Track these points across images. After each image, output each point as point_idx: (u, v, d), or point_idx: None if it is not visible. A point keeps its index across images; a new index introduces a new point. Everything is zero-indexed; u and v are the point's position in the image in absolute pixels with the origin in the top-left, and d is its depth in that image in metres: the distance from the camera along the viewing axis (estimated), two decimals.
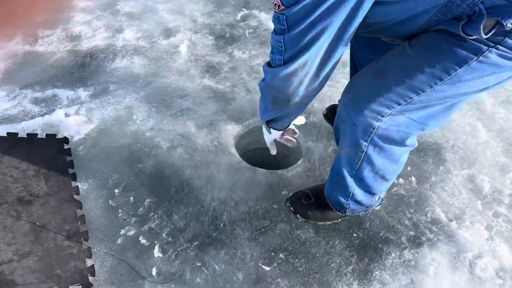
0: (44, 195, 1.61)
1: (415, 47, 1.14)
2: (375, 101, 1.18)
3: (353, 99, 1.24)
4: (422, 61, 1.11)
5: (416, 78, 1.12)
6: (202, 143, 1.94)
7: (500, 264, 1.56)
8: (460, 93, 1.15)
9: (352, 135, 1.30)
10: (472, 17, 0.99)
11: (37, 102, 2.07)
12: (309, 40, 1.02)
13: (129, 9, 2.75)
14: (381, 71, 1.20)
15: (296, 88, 1.17)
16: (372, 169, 1.38)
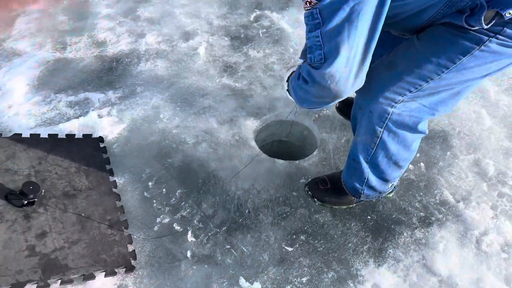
0: (86, 189, 1.79)
1: (422, 40, 1.28)
2: (389, 89, 1.33)
3: (369, 88, 1.36)
4: (429, 52, 1.25)
5: (425, 68, 1.26)
6: (224, 138, 2.10)
7: (505, 240, 1.69)
8: (465, 80, 1.28)
9: (368, 121, 1.44)
10: (474, 10, 1.11)
11: (71, 105, 2.25)
12: (345, 28, 1.03)
13: (148, 14, 2.92)
14: (393, 62, 1.34)
15: (344, 83, 1.14)
16: (387, 155, 1.51)
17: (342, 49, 1.06)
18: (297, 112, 2.17)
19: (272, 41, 2.69)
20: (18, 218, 1.58)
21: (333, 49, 1.06)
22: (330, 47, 1.07)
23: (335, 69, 1.09)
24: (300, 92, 1.29)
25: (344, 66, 1.09)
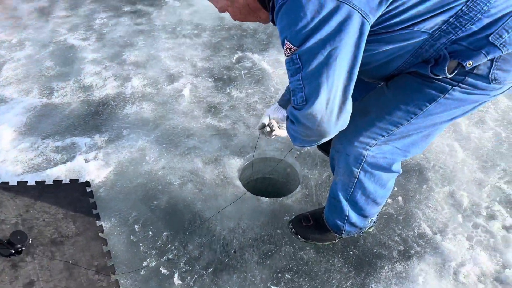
0: (73, 235, 1.82)
1: (392, 88, 1.39)
2: (363, 134, 1.42)
3: (345, 133, 1.43)
4: (398, 100, 1.36)
5: (395, 114, 1.36)
6: (209, 178, 2.16)
7: (481, 270, 1.75)
8: (433, 124, 1.38)
9: (345, 163, 1.52)
10: (438, 60, 1.22)
11: (58, 150, 2.30)
12: (324, 72, 1.10)
13: (134, 58, 3.02)
14: (366, 109, 1.43)
15: (326, 124, 1.19)
16: (364, 193, 1.59)
17: (321, 91, 1.12)
18: (293, 151, 2.25)
19: (254, 81, 2.80)
20: (6, 268, 1.60)
21: (314, 91, 1.13)
22: (310, 89, 1.13)
23: (316, 110, 1.15)
24: (291, 131, 1.34)
25: (324, 108, 1.15)
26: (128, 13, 3.61)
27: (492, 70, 1.21)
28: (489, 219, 1.95)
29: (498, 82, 1.24)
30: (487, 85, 1.25)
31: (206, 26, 3.43)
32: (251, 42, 3.21)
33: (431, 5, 1.12)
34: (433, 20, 1.15)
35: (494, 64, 1.20)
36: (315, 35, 1.07)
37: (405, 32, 1.17)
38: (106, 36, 3.28)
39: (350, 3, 1.05)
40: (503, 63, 1.20)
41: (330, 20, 1.06)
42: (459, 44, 1.18)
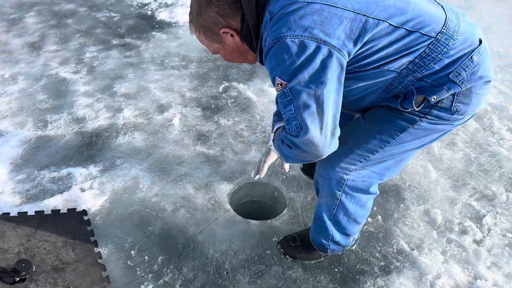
0: (73, 262, 1.91)
1: (367, 120, 1.56)
2: (343, 160, 1.59)
3: (328, 160, 1.60)
4: (373, 130, 1.53)
5: (371, 143, 1.53)
6: (201, 203, 2.29)
7: (455, 282, 1.90)
8: (405, 150, 1.56)
9: (328, 187, 1.68)
10: (407, 95, 1.40)
11: (54, 181, 2.40)
12: (314, 102, 1.23)
13: (125, 90, 3.16)
14: (345, 139, 1.59)
15: (322, 147, 1.31)
16: (346, 214, 1.75)
17: (314, 120, 1.25)
18: (279, 175, 2.40)
19: (240, 110, 2.96)
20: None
21: (307, 119, 1.25)
22: (303, 118, 1.25)
23: (312, 136, 1.26)
24: (286, 153, 1.44)
25: (319, 134, 1.27)
26: (117, 46, 3.76)
27: (454, 103, 1.40)
28: (461, 234, 2.11)
29: (460, 113, 1.43)
30: (451, 116, 1.43)
31: (193, 57, 3.61)
32: (236, 73, 3.39)
33: (398, 47, 1.30)
34: (401, 61, 1.33)
35: (456, 98, 1.39)
36: (302, 71, 1.23)
37: (377, 71, 1.35)
38: (96, 69, 3.42)
39: (330, 45, 1.22)
40: (463, 97, 1.39)
41: (314, 58, 1.22)
42: (424, 81, 1.36)
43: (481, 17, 3.91)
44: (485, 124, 2.85)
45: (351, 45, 1.25)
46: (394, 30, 1.28)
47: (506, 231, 2.13)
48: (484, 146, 2.66)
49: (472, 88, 1.38)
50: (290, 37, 1.22)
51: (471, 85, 1.37)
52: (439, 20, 1.32)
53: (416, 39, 1.30)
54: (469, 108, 1.43)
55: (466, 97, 1.40)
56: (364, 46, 1.28)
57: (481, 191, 2.35)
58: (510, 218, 2.20)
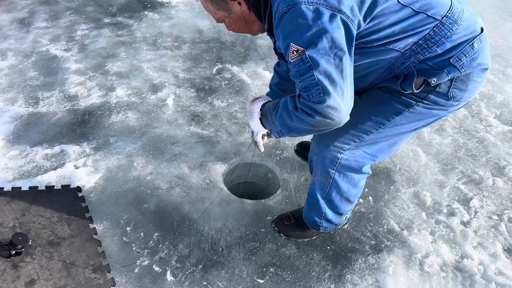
0: (69, 237, 1.91)
1: (364, 101, 1.59)
2: (338, 140, 1.62)
3: (322, 138, 1.66)
4: (369, 112, 1.56)
5: (366, 124, 1.56)
6: (195, 182, 2.30)
7: (443, 261, 1.97)
8: (398, 133, 1.60)
9: (322, 165, 1.72)
10: (407, 76, 1.43)
11: (47, 157, 2.38)
12: (334, 67, 1.23)
13: (117, 69, 3.13)
14: None
15: (343, 112, 1.30)
16: (339, 192, 1.79)
17: (336, 85, 1.25)
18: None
19: (234, 92, 2.97)
20: (7, 268, 1.68)
21: (329, 86, 1.24)
22: (326, 84, 1.24)
23: (335, 101, 1.26)
24: (292, 122, 1.40)
25: (341, 99, 1.27)
26: (109, 24, 3.71)
27: (451, 89, 1.44)
28: (449, 216, 2.18)
29: (456, 99, 1.47)
30: (446, 101, 1.47)
31: (186, 38, 3.58)
32: (229, 55, 3.38)
33: (404, 27, 1.32)
34: (406, 41, 1.35)
35: (453, 84, 1.43)
36: (320, 37, 1.22)
37: (381, 49, 1.37)
38: (88, 47, 3.37)
39: (344, 14, 1.23)
40: (460, 84, 1.43)
41: (331, 26, 1.22)
42: (425, 63, 1.39)
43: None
44: (474, 111, 2.92)
45: (361, 16, 1.27)
46: (402, 9, 1.30)
47: (492, 214, 2.20)
48: (472, 132, 2.73)
49: (470, 75, 1.42)
50: (305, 3, 1.22)
51: (469, 71, 1.41)
52: (444, 4, 1.35)
53: (422, 20, 1.32)
54: (464, 94, 1.47)
55: (463, 84, 1.44)
56: (372, 20, 1.29)
57: (469, 175, 2.43)
58: (496, 201, 2.28)
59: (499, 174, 2.44)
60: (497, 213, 2.21)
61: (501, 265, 1.97)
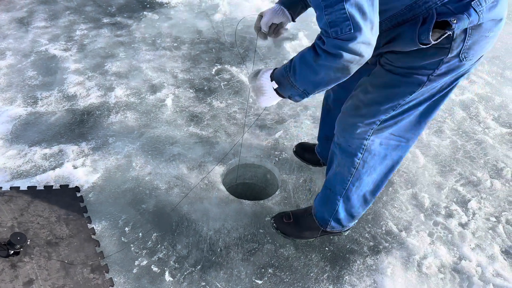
0: (67, 237, 1.91)
1: (376, 87, 1.58)
2: (360, 126, 1.63)
3: (344, 128, 1.67)
4: (382, 96, 1.55)
5: (383, 106, 1.56)
6: (194, 183, 2.30)
7: (441, 262, 1.98)
8: (417, 104, 1.56)
9: (348, 154, 1.71)
10: (427, 19, 1.36)
11: (46, 157, 2.38)
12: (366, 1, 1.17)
13: (116, 69, 3.12)
14: (357, 106, 1.64)
15: (371, 47, 1.25)
16: (359, 186, 1.77)
17: (366, 19, 1.18)
18: (272, 158, 2.43)
19: (233, 92, 2.97)
20: (5, 268, 1.67)
21: (361, 20, 1.17)
22: (357, 18, 1.16)
23: (365, 37, 1.19)
24: (316, 76, 1.33)
25: (371, 33, 1.21)
26: (108, 24, 3.70)
27: (462, 49, 1.39)
28: (448, 218, 2.19)
29: (468, 59, 1.43)
30: (459, 63, 1.43)
31: (185, 39, 3.58)
32: (228, 55, 3.38)
33: None
34: None
35: (465, 44, 1.38)
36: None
37: None
38: (87, 47, 3.37)
39: None
40: (472, 42, 1.39)
41: None
42: (446, 7, 1.33)
43: None
44: (472, 113, 2.93)
45: None
46: None
47: (490, 215, 2.21)
48: (470, 134, 2.73)
49: (483, 30, 1.38)
50: None
51: (485, 21, 1.36)
52: None
53: None
54: (476, 52, 1.43)
55: (474, 43, 1.40)
56: None
57: (467, 177, 2.43)
58: (494, 203, 2.28)
59: (497, 176, 2.45)
60: (495, 214, 2.22)
61: (498, 266, 1.97)
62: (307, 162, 2.43)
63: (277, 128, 2.68)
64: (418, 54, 1.43)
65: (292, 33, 3.72)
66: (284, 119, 2.75)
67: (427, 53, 1.41)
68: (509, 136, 2.74)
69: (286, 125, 2.71)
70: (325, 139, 2.23)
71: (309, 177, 2.37)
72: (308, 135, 2.64)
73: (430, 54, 1.41)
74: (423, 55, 1.42)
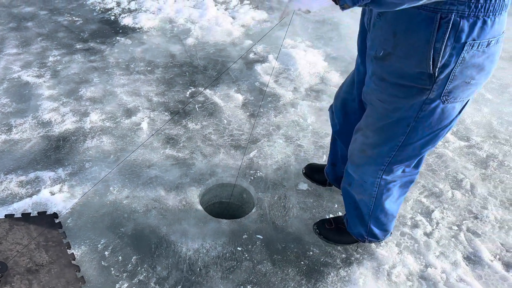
0: (47, 264, 1.93)
1: (372, 131, 1.69)
2: (370, 167, 1.77)
3: (356, 168, 1.83)
4: (382, 139, 1.66)
5: (385, 149, 1.68)
6: (172, 204, 2.36)
7: (409, 270, 2.10)
8: (419, 138, 1.62)
9: (363, 188, 1.86)
10: (442, 21, 1.28)
11: (22, 184, 2.39)
12: None
13: (90, 94, 3.17)
14: (362, 150, 1.77)
15: None
16: (382, 211, 1.93)
17: None
18: (247, 177, 2.51)
19: (208, 114, 3.07)
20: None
21: None
22: None
23: None
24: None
25: None
26: (81, 50, 3.75)
27: (443, 92, 1.42)
28: (413, 228, 2.33)
29: (449, 102, 1.46)
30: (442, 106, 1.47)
31: (159, 63, 3.67)
32: (202, 78, 3.49)
33: None
34: None
35: (447, 84, 1.40)
36: None
37: None
38: (60, 73, 3.41)
39: None
40: (453, 86, 1.41)
41: None
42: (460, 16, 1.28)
43: None
44: None
45: None
46: None
47: (452, 224, 2.37)
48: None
49: (464, 75, 1.38)
50: None
51: (468, 66, 1.36)
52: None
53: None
54: (458, 96, 1.45)
55: (456, 88, 1.42)
56: None
57: (430, 188, 2.59)
58: (455, 212, 2.44)
59: (457, 187, 2.62)
60: (456, 223, 2.37)
61: (461, 272, 2.11)
62: (316, 183, 2.54)
63: (251, 148, 2.78)
64: (401, 93, 1.49)
65: (262, 55, 3.87)
66: (257, 139, 2.86)
67: (410, 92, 1.47)
68: (467, 149, 2.94)
69: (260, 145, 2.82)
70: (332, 164, 2.37)
71: (284, 194, 2.47)
72: (281, 153, 2.76)
73: (414, 93, 1.46)
74: (407, 93, 1.47)
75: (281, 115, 3.11)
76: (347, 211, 2.09)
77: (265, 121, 3.04)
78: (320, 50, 4.01)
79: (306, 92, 3.41)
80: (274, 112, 3.14)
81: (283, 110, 3.16)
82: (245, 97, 3.28)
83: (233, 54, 3.90)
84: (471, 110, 3.31)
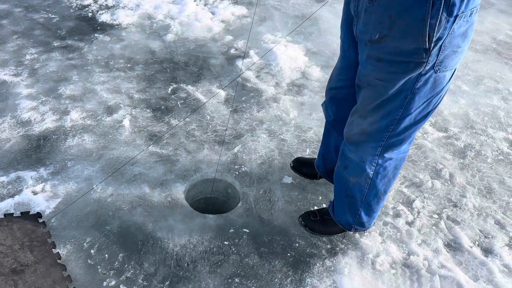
0: (32, 264, 1.91)
1: (369, 111, 1.73)
2: (369, 145, 1.81)
3: (355, 148, 1.86)
4: (380, 116, 1.71)
5: (382, 125, 1.72)
6: (157, 201, 2.36)
7: (392, 259, 2.16)
8: (414, 112, 1.69)
9: (361, 169, 1.89)
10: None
11: (3, 185, 2.35)
12: None
13: (70, 92, 3.12)
14: (362, 129, 1.80)
15: None
16: (376, 194, 1.98)
17: None
18: (232, 172, 2.52)
19: (190, 110, 3.06)
20: None
21: None
22: None
23: None
24: None
25: None
26: (59, 48, 3.69)
27: (436, 63, 1.50)
28: (395, 217, 2.39)
29: (441, 71, 1.54)
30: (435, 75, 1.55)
31: (139, 60, 3.63)
32: (183, 74, 3.47)
33: None
34: None
35: (439, 54, 1.48)
36: None
37: None
38: (38, 71, 3.34)
39: None
40: (444, 56, 1.49)
41: None
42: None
43: None
44: None
45: None
46: None
47: (433, 213, 2.44)
48: None
49: (452, 43, 1.47)
50: None
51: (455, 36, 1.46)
52: None
53: None
54: (448, 65, 1.54)
55: (446, 57, 1.50)
56: None
57: (410, 179, 2.66)
58: (435, 201, 2.52)
59: (437, 177, 2.70)
60: (437, 212, 2.45)
61: (442, 259, 2.18)
62: (305, 176, 2.56)
63: (235, 143, 2.80)
64: (400, 69, 1.56)
65: (243, 51, 3.88)
66: (241, 134, 2.88)
67: (408, 67, 1.53)
68: (445, 140, 3.02)
69: (244, 140, 2.83)
70: (322, 157, 2.40)
71: (268, 188, 2.50)
72: (265, 148, 2.78)
73: (412, 68, 1.53)
74: (405, 69, 1.53)
75: (264, 110, 3.13)
76: (336, 199, 2.12)
77: (248, 116, 3.06)
78: (301, 45, 4.04)
79: (288, 87, 3.43)
80: (257, 107, 3.16)
81: (265, 105, 3.18)
82: (227, 92, 3.29)
83: (214, 50, 3.89)
84: (448, 101, 3.40)
